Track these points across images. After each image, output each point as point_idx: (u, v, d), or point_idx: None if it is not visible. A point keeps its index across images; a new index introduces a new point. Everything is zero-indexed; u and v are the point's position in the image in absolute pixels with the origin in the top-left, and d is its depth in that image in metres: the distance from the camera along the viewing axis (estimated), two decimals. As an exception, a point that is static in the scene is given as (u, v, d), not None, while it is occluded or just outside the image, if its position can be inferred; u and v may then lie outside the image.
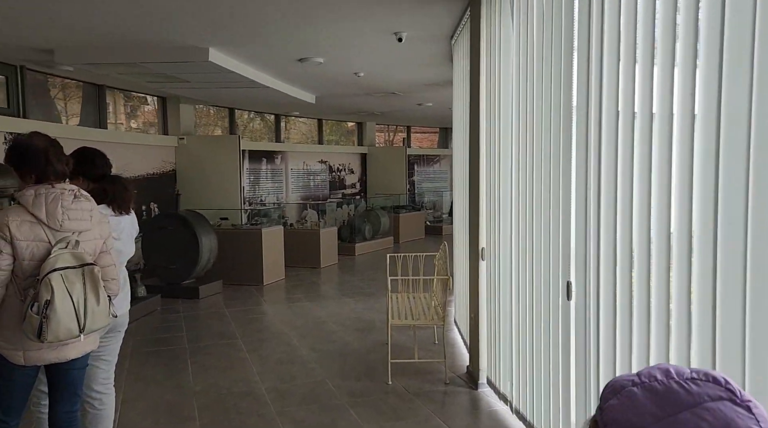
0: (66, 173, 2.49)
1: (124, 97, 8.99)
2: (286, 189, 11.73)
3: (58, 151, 2.49)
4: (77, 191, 2.46)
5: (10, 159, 2.42)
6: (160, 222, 7.29)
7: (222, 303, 7.01)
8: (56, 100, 8.05)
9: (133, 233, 3.04)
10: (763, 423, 0.66)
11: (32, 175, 2.41)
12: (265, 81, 7.11)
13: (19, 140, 2.43)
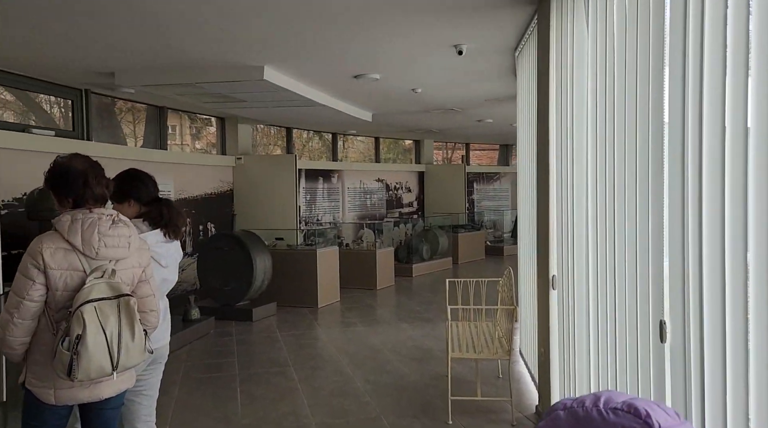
0: (105, 197, 2.33)
1: (189, 118, 9.13)
2: (343, 208, 11.59)
3: (98, 173, 2.34)
4: (116, 216, 2.29)
5: (49, 181, 2.28)
6: (216, 243, 7.23)
7: (275, 326, 6.84)
8: (124, 123, 8.23)
9: (178, 259, 2.86)
10: None
11: (70, 198, 2.26)
12: (321, 99, 6.98)
13: (58, 162, 2.30)
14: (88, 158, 2.36)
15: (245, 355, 5.65)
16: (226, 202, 8.95)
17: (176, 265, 2.84)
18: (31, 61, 5.26)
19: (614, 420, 0.75)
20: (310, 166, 10.71)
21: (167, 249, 2.71)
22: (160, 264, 2.66)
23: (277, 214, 8.90)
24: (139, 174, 2.77)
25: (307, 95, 6.56)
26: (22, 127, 5.74)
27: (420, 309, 7.72)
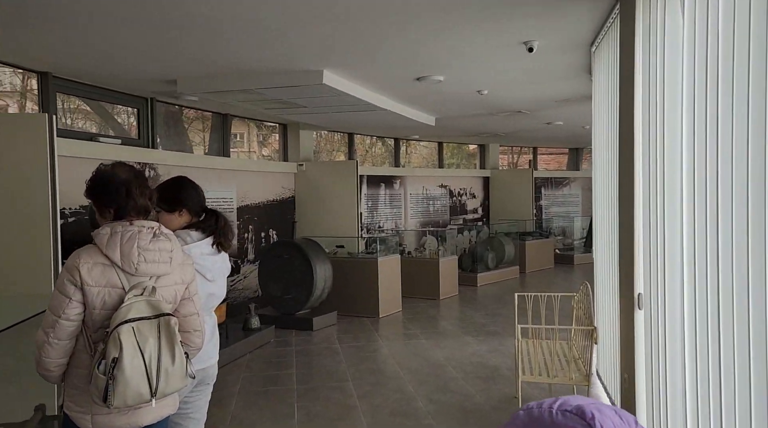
0: (149, 209, 2.17)
1: (256, 126, 9.18)
2: (405, 215, 11.35)
3: (142, 183, 2.18)
4: (157, 229, 2.13)
5: (90, 191, 2.14)
6: (276, 250, 7.15)
7: (335, 336, 6.66)
8: (194, 131, 8.34)
9: (226, 272, 2.69)
10: None
11: (111, 209, 2.11)
12: (382, 103, 6.76)
13: (100, 170, 2.16)
14: (133, 167, 2.21)
15: (304, 367, 5.48)
16: (288, 208, 8.90)
17: (224, 279, 2.67)
18: (99, 71, 5.33)
19: (561, 421, 0.78)
20: (371, 172, 10.54)
21: (213, 262, 2.53)
22: (206, 278, 2.49)
23: (338, 221, 8.76)
24: (190, 182, 2.62)
25: (368, 99, 6.36)
26: (89, 135, 5.84)
27: (485, 322, 7.35)
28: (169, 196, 2.51)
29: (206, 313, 2.59)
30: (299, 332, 6.83)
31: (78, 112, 6.50)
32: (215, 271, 2.54)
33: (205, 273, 2.48)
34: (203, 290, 2.48)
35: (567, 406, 0.78)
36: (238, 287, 7.83)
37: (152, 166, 6.32)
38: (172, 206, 2.51)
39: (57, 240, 3.78)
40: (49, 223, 3.67)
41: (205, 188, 6.86)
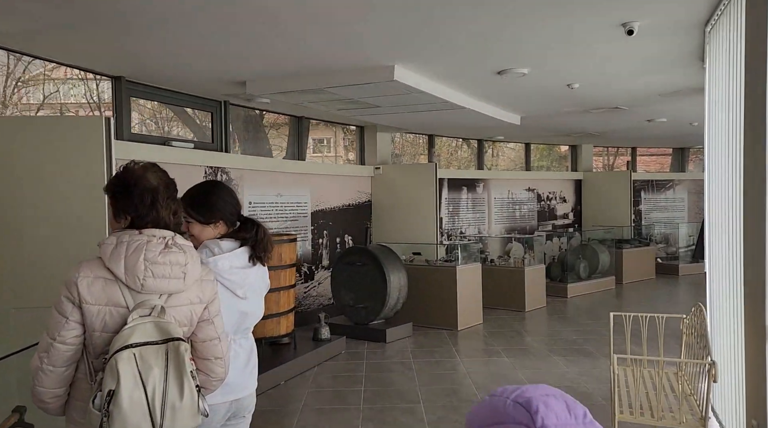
0: (169, 225, 1.85)
1: (342, 130, 9.00)
2: (489, 220, 10.74)
3: (171, 194, 1.88)
4: (170, 239, 1.81)
5: (112, 188, 1.84)
6: (348, 257, 6.85)
7: (409, 350, 6.25)
8: (276, 135, 8.27)
9: (263, 289, 2.35)
10: None
11: (129, 215, 1.83)
12: (459, 100, 6.28)
13: (128, 169, 1.85)
14: (166, 173, 1.92)
15: (374, 384, 5.11)
16: (364, 213, 8.61)
17: (260, 296, 2.33)
18: (171, 74, 5.27)
19: (510, 411, 0.84)
20: (452, 175, 10.05)
21: (245, 276, 2.19)
22: (236, 295, 2.16)
23: (416, 227, 8.36)
24: (225, 187, 2.31)
25: (444, 96, 5.91)
26: (163, 139, 5.81)
27: (577, 339, 6.65)
28: (203, 203, 2.21)
29: (241, 335, 2.26)
30: (372, 344, 6.49)
31: (159, 117, 6.55)
32: (248, 287, 2.21)
33: (235, 290, 2.16)
34: (233, 309, 2.16)
35: (520, 398, 0.86)
36: (311, 294, 7.63)
37: (224, 171, 6.23)
38: (208, 217, 2.21)
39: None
40: (105, 231, 3.53)
41: (278, 192, 6.64)
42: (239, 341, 2.25)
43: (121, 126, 5.26)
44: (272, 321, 5.20)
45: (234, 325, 2.20)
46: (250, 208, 6.60)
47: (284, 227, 7.12)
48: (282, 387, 5.04)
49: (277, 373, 5.09)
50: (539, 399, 0.85)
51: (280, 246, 5.21)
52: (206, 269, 1.93)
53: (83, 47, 4.36)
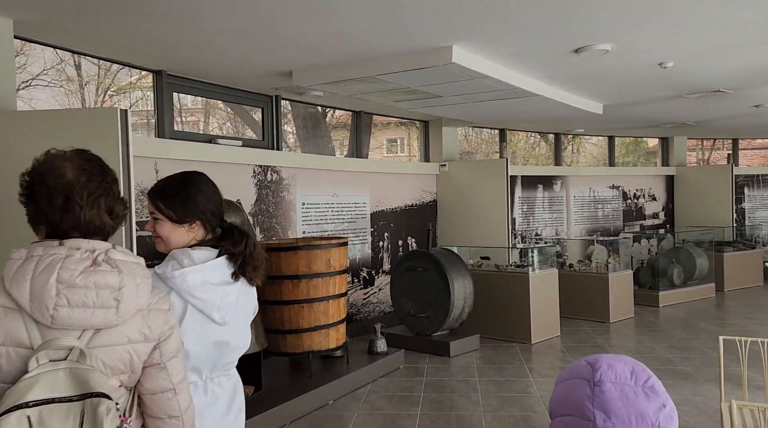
0: (103, 229, 1.38)
1: (416, 128, 8.52)
2: (567, 220, 9.84)
3: (103, 187, 1.38)
4: (102, 254, 1.33)
5: (21, 192, 1.40)
6: (408, 262, 6.29)
7: (475, 366, 5.60)
8: (340, 132, 7.89)
9: (249, 313, 1.85)
10: (597, 401, 0.98)
11: (41, 224, 1.37)
12: (531, 86, 5.57)
13: (36, 161, 1.41)
14: (95, 161, 1.43)
15: (432, 406, 4.53)
16: (429, 214, 8.03)
17: (245, 322, 1.83)
18: (213, 67, 4.94)
19: (580, 368, 1.07)
20: (526, 172, 9.25)
21: (224, 295, 1.69)
22: (212, 320, 1.67)
23: (485, 229, 7.68)
24: (207, 181, 1.82)
25: (512, 82, 5.23)
26: (208, 137, 5.51)
27: (672, 358, 5.75)
28: (177, 195, 1.73)
29: (221, 373, 1.77)
30: (433, 358, 5.89)
31: (216, 114, 6.29)
32: (227, 309, 1.70)
33: (210, 313, 1.67)
34: (207, 338, 1.67)
35: (592, 359, 1.04)
36: (371, 300, 7.14)
37: (275, 170, 5.85)
38: (182, 215, 1.73)
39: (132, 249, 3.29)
40: (121, 235, 3.19)
41: (334, 192, 5.91)
42: (218, 380, 1.76)
43: (162, 123, 4.98)
44: (320, 334, 4.74)
45: (210, 360, 1.71)
46: (304, 209, 6.20)
47: (341, 229, 6.67)
48: (330, 407, 4.56)
49: (326, 391, 4.62)
50: (606, 360, 1.02)
51: (328, 251, 4.74)
52: (158, 296, 1.43)
53: (119, 38, 4.09)
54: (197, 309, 1.64)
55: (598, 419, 0.96)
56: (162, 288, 1.60)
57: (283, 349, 4.72)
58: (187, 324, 1.62)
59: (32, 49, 4.32)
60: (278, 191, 5.89)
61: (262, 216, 5.70)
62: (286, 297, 4.65)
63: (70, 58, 4.68)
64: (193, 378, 1.68)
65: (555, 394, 1.08)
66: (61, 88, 4.67)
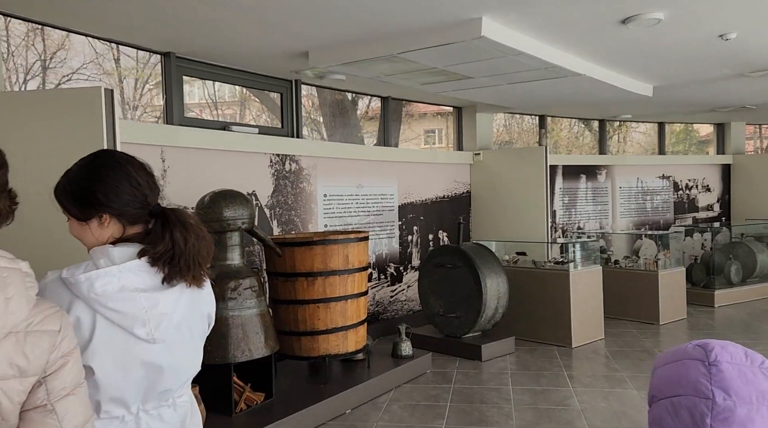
0: None
1: (454, 117, 8.09)
2: (613, 213, 9.20)
3: None
4: None
5: None
6: (437, 258, 5.85)
7: (509, 372, 5.13)
8: (376, 125, 7.52)
9: (197, 325, 1.46)
10: (715, 379, 0.98)
11: None
12: (572, 64, 5.03)
13: None
14: None
15: (460, 419, 4.10)
16: (462, 206, 7.55)
17: (192, 338, 1.44)
18: (224, 47, 4.61)
19: (689, 350, 1.06)
20: (568, 161, 8.65)
21: (152, 304, 1.31)
22: (137, 336, 1.29)
23: (522, 222, 7.16)
24: (121, 162, 1.40)
25: (550, 59, 4.71)
26: (222, 124, 5.19)
27: (731, 368, 5.14)
28: (77, 186, 1.36)
29: (158, 404, 1.38)
30: (464, 362, 5.45)
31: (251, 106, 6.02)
32: (157, 322, 1.31)
33: (131, 328, 1.28)
34: (132, 360, 1.29)
35: (701, 342, 1.04)
36: (399, 298, 6.73)
37: (294, 159, 5.49)
38: (85, 210, 1.36)
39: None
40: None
41: (359, 183, 5.48)
42: (158, 413, 1.38)
43: (171, 109, 4.68)
44: (337, 336, 4.36)
45: (139, 389, 1.33)
46: (325, 201, 5.83)
47: (366, 223, 6.28)
48: (347, 417, 4.18)
49: (343, 399, 4.24)
50: (717, 343, 1.02)
51: (346, 247, 4.35)
52: (45, 312, 1.06)
53: (122, 17, 3.79)
54: (113, 323, 1.26)
55: (718, 397, 0.96)
56: (64, 297, 1.24)
57: (298, 352, 4.37)
58: (98, 343, 1.25)
59: (72, 43, 4.28)
60: (297, 182, 5.53)
61: (280, 208, 5.35)
62: (300, 297, 4.29)
63: (108, 52, 4.63)
64: (118, 412, 1.31)
65: (658, 377, 1.07)
66: (100, 82, 4.62)
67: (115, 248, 1.32)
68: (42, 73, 4.24)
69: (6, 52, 3.87)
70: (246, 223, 3.93)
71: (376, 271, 6.41)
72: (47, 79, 4.26)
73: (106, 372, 1.25)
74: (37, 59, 4.16)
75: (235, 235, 3.93)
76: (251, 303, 3.84)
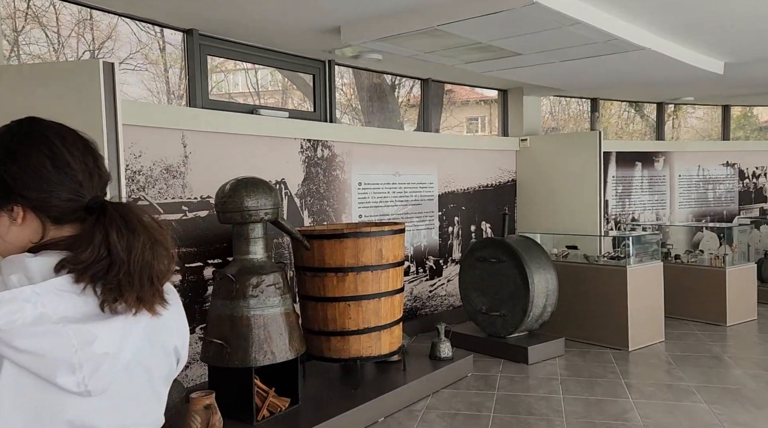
0: None
1: (498, 105, 7.63)
2: (671, 203, 8.51)
3: None
4: None
5: None
6: (479, 252, 5.40)
7: (559, 379, 4.67)
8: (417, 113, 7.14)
9: (159, 367, 1.08)
10: None
11: None
12: (635, 36, 4.47)
13: None
14: None
15: (503, 432, 3.69)
16: (506, 195, 7.06)
17: (150, 385, 1.05)
18: (249, 23, 4.27)
19: None
20: (622, 148, 8.02)
21: (86, 342, 0.92)
22: (62, 388, 0.91)
23: (572, 213, 6.63)
24: (42, 132, 1.02)
25: (610, 30, 4.17)
26: (249, 107, 4.87)
27: (815, 379, 4.55)
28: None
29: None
30: (508, 364, 5.01)
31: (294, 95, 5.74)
32: (95, 365, 0.93)
33: (53, 375, 0.90)
34: (51, 419, 0.91)
35: None
36: (438, 293, 6.33)
37: (327, 144, 5.13)
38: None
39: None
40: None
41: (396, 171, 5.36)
42: None
43: (194, 90, 4.38)
44: (369, 337, 4.00)
45: None
46: (360, 189, 5.46)
47: (403, 213, 5.88)
48: (379, 426, 3.82)
49: (376, 406, 3.88)
50: None
51: (379, 240, 3.97)
52: None
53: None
54: (25, 369, 0.90)
55: None
56: None
57: (327, 354, 4.03)
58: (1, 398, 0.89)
59: (118, 33, 4.25)
60: (330, 169, 5.17)
61: (311, 197, 5.01)
62: (329, 294, 3.94)
63: (154, 41, 4.55)
64: None
65: None
66: (147, 72, 4.58)
67: (35, 258, 0.95)
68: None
69: (57, 42, 3.98)
70: (270, 214, 3.59)
71: (414, 264, 6.02)
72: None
73: None
74: (86, 50, 4.17)
75: (257, 227, 3.60)
76: (275, 301, 3.51)
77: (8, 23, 3.77)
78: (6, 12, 3.72)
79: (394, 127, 6.75)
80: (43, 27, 4.00)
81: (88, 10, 4.03)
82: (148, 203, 3.84)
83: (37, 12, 3.96)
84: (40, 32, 4.04)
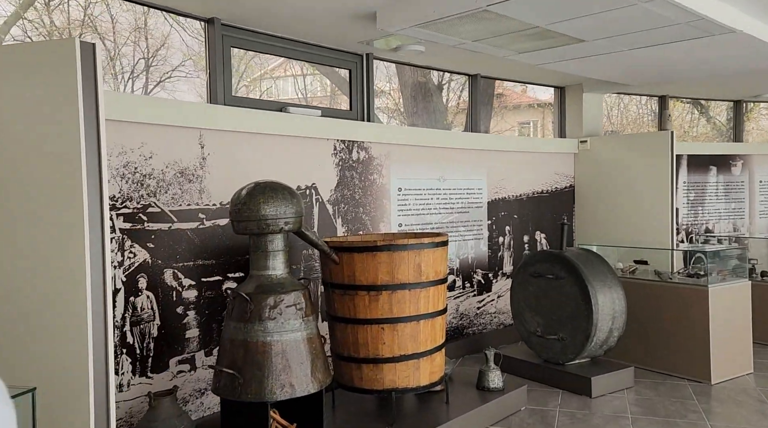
0: None
1: (552, 109, 7.07)
2: (750, 212, 7.63)
3: None
4: None
5: None
6: (534, 267, 4.78)
7: (629, 417, 4.00)
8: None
9: None
10: None
11: None
12: (726, 17, 3.79)
13: None
14: None
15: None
16: (564, 203, 6.40)
17: None
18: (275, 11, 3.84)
19: None
20: (695, 150, 7.21)
21: None
22: None
23: (639, 223, 5.92)
24: None
25: (695, 7, 3.51)
26: (279, 105, 4.44)
27: None
28: None
29: None
30: (568, 397, 4.37)
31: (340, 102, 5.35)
32: None
33: None
34: None
35: None
36: (488, 310, 5.73)
37: (363, 146, 4.65)
38: None
39: (104, 256, 2.23)
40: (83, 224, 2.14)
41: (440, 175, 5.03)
42: None
43: (216, 86, 3.98)
44: (406, 365, 3.47)
45: None
46: (400, 196, 4.95)
47: (448, 222, 5.33)
48: (416, 470, 3.27)
49: (412, 446, 3.34)
50: None
51: (418, 253, 3.44)
52: None
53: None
54: None
55: None
56: None
57: (358, 383, 3.52)
58: None
59: (171, 42, 4.14)
60: (366, 173, 4.69)
61: (346, 204, 4.54)
62: (361, 315, 3.44)
63: (201, 49, 4.29)
64: None
65: None
66: (198, 79, 4.36)
67: None
68: (146, 71, 4.15)
69: (113, 50, 3.96)
70: (291, 223, 3.12)
71: (460, 278, 5.45)
72: (150, 77, 4.17)
73: None
74: (141, 58, 4.10)
75: (277, 239, 3.14)
76: (295, 324, 3.04)
77: (65, 34, 3.69)
78: (60, 22, 3.63)
79: (440, 126, 6.22)
80: (101, 37, 3.89)
81: (143, 19, 3.97)
82: (160, 210, 3.44)
83: (94, 21, 3.89)
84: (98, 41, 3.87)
